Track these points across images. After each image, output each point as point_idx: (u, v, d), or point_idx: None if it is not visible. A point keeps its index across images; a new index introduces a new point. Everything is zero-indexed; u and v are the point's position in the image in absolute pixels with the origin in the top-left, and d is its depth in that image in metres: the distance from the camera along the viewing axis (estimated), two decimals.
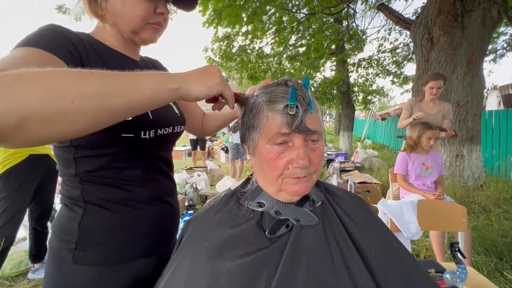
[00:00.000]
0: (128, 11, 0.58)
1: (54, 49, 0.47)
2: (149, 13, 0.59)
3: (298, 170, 0.48)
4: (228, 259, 0.46)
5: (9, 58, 0.41)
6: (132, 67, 0.63)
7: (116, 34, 0.62)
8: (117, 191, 0.58)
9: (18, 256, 1.95)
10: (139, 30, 0.60)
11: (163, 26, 0.64)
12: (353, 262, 0.45)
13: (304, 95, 0.48)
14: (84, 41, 0.55)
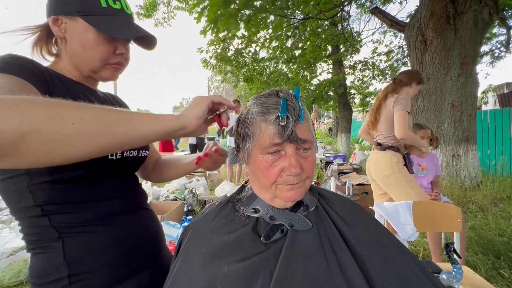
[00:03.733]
0: (87, 53, 0.58)
1: (26, 75, 0.47)
2: (108, 55, 0.60)
3: (291, 177, 0.50)
4: (224, 264, 0.47)
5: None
6: (94, 97, 0.64)
7: (75, 70, 0.62)
8: (91, 211, 0.56)
9: (17, 266, 1.95)
10: (98, 70, 0.61)
11: (124, 64, 0.65)
12: (347, 264, 0.46)
13: (295, 106, 0.50)
14: (43, 69, 0.54)
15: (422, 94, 3.71)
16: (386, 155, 1.91)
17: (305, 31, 6.06)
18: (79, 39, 0.58)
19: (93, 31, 0.57)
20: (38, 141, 0.34)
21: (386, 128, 1.92)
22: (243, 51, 6.86)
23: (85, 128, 0.37)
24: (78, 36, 0.58)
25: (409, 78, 1.93)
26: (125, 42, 0.63)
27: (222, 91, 31.75)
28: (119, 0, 0.61)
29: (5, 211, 2.89)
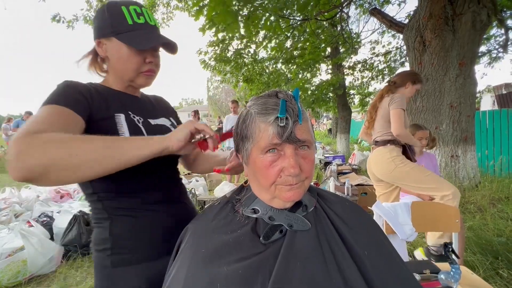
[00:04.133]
0: (123, 66, 0.70)
1: (68, 103, 0.60)
2: (139, 65, 0.70)
3: (290, 178, 0.50)
4: (224, 264, 0.48)
5: (40, 117, 0.56)
6: (133, 101, 0.76)
7: (118, 81, 0.75)
8: (133, 199, 0.69)
9: (15, 266, 1.94)
10: (134, 78, 0.72)
11: (155, 71, 0.75)
12: (345, 264, 0.47)
13: (294, 107, 0.50)
14: (91, 88, 0.68)
15: (421, 95, 3.72)
16: (385, 150, 1.95)
17: (304, 32, 6.07)
18: (116, 55, 0.70)
19: (124, 46, 0.68)
20: (56, 171, 0.48)
21: (382, 125, 1.98)
22: (242, 52, 6.86)
23: (86, 159, 0.49)
24: (115, 53, 0.70)
25: (403, 79, 1.99)
26: (153, 51, 0.72)
27: (222, 92, 31.69)
28: (142, 15, 0.70)
29: (4, 211, 2.89)
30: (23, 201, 3.25)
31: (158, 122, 0.79)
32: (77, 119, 0.60)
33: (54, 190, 3.70)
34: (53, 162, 0.47)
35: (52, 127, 0.53)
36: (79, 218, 2.43)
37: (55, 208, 3.00)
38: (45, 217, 2.67)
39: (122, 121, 0.68)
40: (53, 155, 0.47)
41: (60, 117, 0.57)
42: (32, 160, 0.45)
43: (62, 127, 0.54)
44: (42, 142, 0.47)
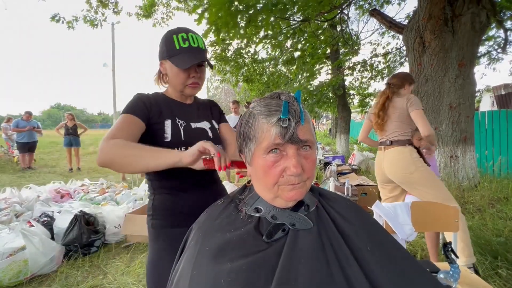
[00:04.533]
0: (174, 81, 0.95)
1: (134, 112, 0.87)
2: (185, 80, 0.93)
3: (292, 177, 0.51)
4: (228, 261, 0.49)
5: (117, 124, 0.84)
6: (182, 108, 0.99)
7: (174, 91, 0.99)
8: (172, 182, 0.93)
9: (17, 266, 1.95)
10: (183, 90, 0.96)
11: (199, 83, 0.96)
12: (347, 262, 0.48)
13: (296, 108, 0.51)
14: (151, 99, 0.93)
15: (420, 96, 3.73)
16: (406, 150, 1.87)
17: (304, 33, 6.08)
18: (170, 73, 0.94)
19: (174, 66, 0.91)
20: (116, 165, 0.77)
21: (399, 126, 1.92)
22: (242, 51, 6.86)
23: (131, 161, 0.76)
24: (169, 71, 0.94)
25: (402, 81, 1.99)
26: (196, 67, 0.93)
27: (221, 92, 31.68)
28: (187, 40, 0.91)
29: (4, 211, 2.89)
30: (23, 201, 3.25)
31: (199, 126, 0.99)
32: (139, 123, 0.87)
33: (54, 190, 3.70)
34: (113, 159, 0.76)
35: (122, 132, 0.82)
36: (80, 218, 2.44)
37: (56, 208, 3.00)
38: (45, 217, 2.67)
39: (168, 126, 0.92)
40: (114, 155, 0.76)
41: (129, 123, 0.85)
42: (103, 155, 0.76)
43: (129, 131, 0.84)
44: (111, 145, 0.77)
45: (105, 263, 2.28)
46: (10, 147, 8.07)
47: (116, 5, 5.61)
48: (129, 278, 2.03)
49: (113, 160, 0.76)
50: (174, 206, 0.93)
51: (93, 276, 2.09)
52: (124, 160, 0.76)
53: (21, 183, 5.20)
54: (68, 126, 6.64)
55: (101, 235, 2.53)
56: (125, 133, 0.82)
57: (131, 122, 0.85)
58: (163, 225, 0.92)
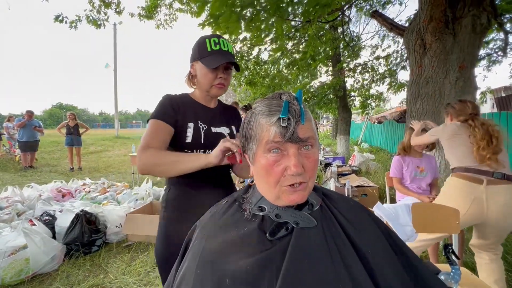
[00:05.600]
0: (202, 81, 1.02)
1: (163, 118, 0.96)
2: (212, 80, 1.00)
3: (293, 177, 0.51)
4: (232, 261, 0.49)
5: (149, 131, 0.95)
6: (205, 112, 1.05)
7: (200, 94, 1.07)
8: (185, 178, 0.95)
9: (18, 264, 1.96)
10: (209, 90, 1.03)
11: (225, 84, 1.03)
12: (351, 261, 0.48)
13: (296, 107, 0.52)
14: (178, 101, 1.01)
15: (421, 97, 3.74)
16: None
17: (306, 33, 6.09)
18: (199, 73, 1.01)
19: (204, 67, 0.99)
20: (152, 172, 0.91)
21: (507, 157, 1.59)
22: (245, 54, 6.86)
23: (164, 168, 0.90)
24: (198, 72, 1.02)
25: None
26: (223, 69, 1.01)
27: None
28: (218, 44, 0.99)
29: (6, 210, 2.90)
30: (25, 200, 3.26)
31: (218, 130, 1.05)
32: (168, 129, 0.96)
33: (56, 189, 3.71)
34: (150, 169, 0.90)
35: (154, 140, 0.93)
36: (81, 217, 2.45)
37: (57, 207, 3.01)
38: (47, 216, 2.68)
39: (190, 129, 0.99)
40: (150, 166, 0.90)
41: (160, 130, 0.95)
42: (141, 166, 0.90)
43: (160, 137, 0.94)
44: (147, 156, 0.89)
45: (106, 262, 2.29)
46: (12, 146, 8.09)
47: (119, 5, 5.62)
48: (130, 278, 2.04)
49: (150, 170, 0.90)
50: (186, 202, 1.00)
51: (94, 275, 2.09)
52: (160, 168, 0.89)
53: (22, 182, 5.21)
54: (69, 125, 6.66)
55: (102, 235, 2.54)
56: (157, 140, 0.93)
57: (162, 128, 0.95)
58: (172, 218, 1.00)
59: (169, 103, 0.99)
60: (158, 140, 0.93)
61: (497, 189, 1.48)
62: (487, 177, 1.51)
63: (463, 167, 1.61)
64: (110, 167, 7.54)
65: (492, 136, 1.56)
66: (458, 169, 1.64)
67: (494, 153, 1.53)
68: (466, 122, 1.68)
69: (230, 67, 1.03)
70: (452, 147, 1.70)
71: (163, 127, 0.95)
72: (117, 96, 16.50)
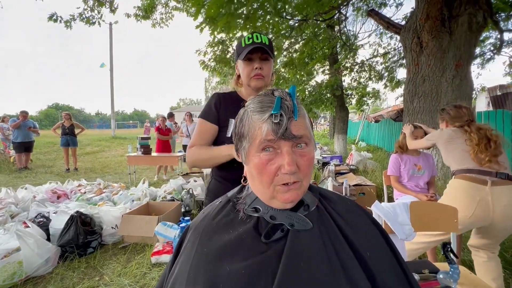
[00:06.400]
0: (242, 75, 1.08)
1: (207, 117, 1.10)
2: (249, 72, 1.05)
3: (287, 176, 0.49)
4: (226, 264, 0.47)
5: (196, 130, 1.11)
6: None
7: (245, 91, 1.13)
8: (223, 171, 1.10)
9: (11, 267, 1.92)
10: (249, 82, 1.07)
11: (263, 74, 1.05)
12: (349, 263, 0.46)
13: (289, 103, 0.50)
14: (222, 99, 1.12)
15: (418, 96, 3.74)
16: None
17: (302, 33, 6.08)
18: (240, 70, 1.09)
19: (241, 62, 1.06)
20: (197, 166, 1.20)
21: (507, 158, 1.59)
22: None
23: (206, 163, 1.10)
24: (240, 69, 1.09)
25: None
26: (260, 61, 1.05)
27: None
28: (252, 38, 1.03)
29: (0, 212, 2.85)
30: (19, 201, 3.21)
31: None
32: (212, 128, 1.09)
33: (51, 191, 3.66)
34: (195, 164, 1.11)
35: (199, 139, 1.09)
36: (76, 219, 2.41)
37: (52, 208, 2.97)
38: (41, 218, 2.64)
39: (231, 124, 1.05)
40: (194, 162, 1.09)
41: (205, 130, 1.09)
42: (189, 162, 1.11)
43: (204, 136, 1.09)
44: (191, 154, 1.08)
45: (101, 264, 2.26)
46: (7, 147, 7.99)
47: (112, 4, 5.57)
48: (126, 280, 2.01)
49: (194, 164, 1.11)
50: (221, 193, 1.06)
51: (89, 278, 2.06)
52: (202, 163, 1.08)
53: (17, 183, 5.15)
54: (65, 126, 6.59)
55: (97, 236, 2.51)
56: (202, 139, 1.08)
57: (206, 127, 1.09)
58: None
59: (213, 102, 1.10)
60: (202, 139, 1.08)
61: (501, 189, 1.46)
62: (491, 178, 1.49)
63: (465, 168, 1.59)
64: (107, 167, 7.48)
65: (490, 140, 1.56)
66: (460, 171, 1.62)
67: (494, 155, 1.53)
68: (462, 128, 1.68)
69: (267, 58, 1.06)
70: (450, 151, 1.70)
71: (208, 127, 1.08)
72: (114, 96, 16.39)
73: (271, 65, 1.09)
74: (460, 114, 1.74)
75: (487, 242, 1.57)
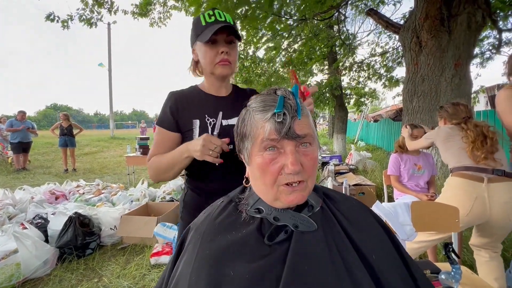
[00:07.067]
0: (204, 61, 0.89)
1: (163, 124, 0.92)
2: (213, 57, 0.87)
3: (291, 176, 0.48)
4: (229, 267, 0.46)
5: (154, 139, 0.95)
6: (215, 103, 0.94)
7: (207, 82, 0.95)
8: (198, 182, 0.96)
9: (9, 270, 1.90)
10: (213, 70, 0.89)
11: (229, 60, 0.88)
12: (354, 266, 0.45)
13: (292, 102, 0.49)
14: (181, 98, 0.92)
15: (417, 95, 3.74)
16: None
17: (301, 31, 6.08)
18: (200, 55, 0.90)
19: (202, 45, 0.87)
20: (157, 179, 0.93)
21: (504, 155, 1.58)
22: (241, 53, 6.83)
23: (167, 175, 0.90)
24: (199, 53, 0.90)
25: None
26: (225, 43, 0.87)
27: None
28: (213, 15, 0.86)
29: None
30: (17, 202, 3.18)
31: (230, 122, 0.92)
32: (171, 136, 0.91)
33: (49, 192, 3.64)
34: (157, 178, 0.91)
35: (159, 148, 0.91)
36: (75, 220, 2.39)
37: (50, 209, 2.95)
38: (39, 219, 2.62)
39: (196, 126, 0.90)
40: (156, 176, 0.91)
41: (162, 138, 0.92)
42: (151, 176, 0.94)
43: (163, 145, 0.91)
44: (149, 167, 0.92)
45: (100, 265, 2.24)
46: (4, 148, 7.94)
47: (112, 5, 5.54)
48: (125, 281, 1.99)
49: (158, 179, 0.92)
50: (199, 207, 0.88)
51: (88, 279, 2.04)
52: (164, 175, 0.90)
53: (15, 184, 5.11)
54: (63, 126, 6.56)
55: (96, 237, 2.49)
56: (161, 148, 0.92)
57: (164, 136, 0.92)
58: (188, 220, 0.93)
59: (168, 105, 0.91)
60: (161, 148, 0.91)
61: (498, 186, 1.46)
62: (488, 175, 1.49)
63: (462, 166, 1.60)
64: (105, 168, 7.45)
65: (486, 137, 1.55)
66: (457, 168, 1.62)
67: (490, 152, 1.52)
68: (459, 125, 1.68)
69: (233, 41, 0.89)
70: (447, 149, 1.70)
71: (164, 134, 0.91)
72: (112, 97, 16.33)
73: (237, 49, 0.93)
74: (457, 111, 1.74)
75: (487, 241, 1.56)
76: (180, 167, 0.86)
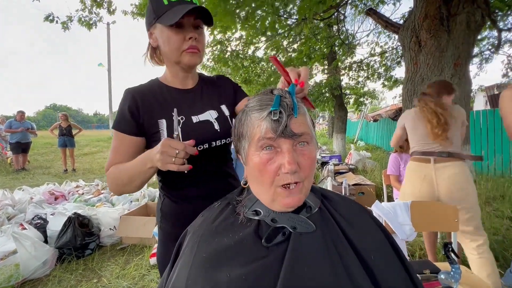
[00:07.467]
0: (168, 48, 0.75)
1: (121, 128, 0.77)
2: (180, 43, 0.74)
3: (288, 175, 0.48)
4: (226, 270, 0.46)
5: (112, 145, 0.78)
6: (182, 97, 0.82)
7: (170, 72, 0.82)
8: (176, 191, 0.84)
9: (8, 270, 1.90)
10: (180, 59, 0.76)
11: (198, 47, 0.76)
12: (353, 268, 0.45)
13: (289, 101, 0.49)
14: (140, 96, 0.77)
15: (416, 95, 3.73)
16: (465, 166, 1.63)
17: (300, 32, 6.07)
18: (161, 40, 0.75)
19: (165, 28, 0.73)
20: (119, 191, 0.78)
21: (458, 137, 1.67)
22: (240, 53, 6.83)
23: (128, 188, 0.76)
24: (160, 38, 0.76)
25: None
26: (193, 28, 0.75)
27: None
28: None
29: None
30: (16, 203, 3.18)
31: (201, 118, 0.80)
32: (132, 141, 0.77)
33: (48, 192, 3.63)
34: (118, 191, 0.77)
35: (118, 156, 0.76)
36: (74, 220, 2.39)
37: (49, 210, 2.94)
38: (38, 220, 2.61)
39: (163, 127, 0.77)
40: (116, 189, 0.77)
41: (121, 144, 0.77)
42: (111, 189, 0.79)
43: (123, 151, 0.77)
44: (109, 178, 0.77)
45: (99, 266, 2.24)
46: (4, 148, 7.93)
47: (110, 5, 5.53)
48: (124, 281, 1.99)
49: (119, 191, 0.78)
50: (179, 216, 0.83)
51: (87, 280, 2.04)
52: (125, 188, 0.75)
53: (14, 184, 5.10)
54: (62, 126, 6.55)
55: (95, 237, 2.48)
56: (120, 156, 0.76)
57: (123, 141, 0.77)
58: (168, 230, 0.87)
59: (126, 106, 0.76)
60: (122, 155, 0.76)
61: (443, 165, 1.62)
62: (434, 157, 1.64)
63: (416, 151, 1.74)
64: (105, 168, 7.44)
65: (437, 114, 1.63)
66: (413, 153, 1.77)
67: (443, 131, 1.62)
68: (419, 102, 1.77)
69: (200, 25, 0.77)
70: (411, 131, 1.78)
71: (124, 140, 0.76)
72: (112, 97, 16.32)
73: (205, 35, 0.81)
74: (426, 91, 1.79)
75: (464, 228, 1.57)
76: (144, 178, 0.72)
